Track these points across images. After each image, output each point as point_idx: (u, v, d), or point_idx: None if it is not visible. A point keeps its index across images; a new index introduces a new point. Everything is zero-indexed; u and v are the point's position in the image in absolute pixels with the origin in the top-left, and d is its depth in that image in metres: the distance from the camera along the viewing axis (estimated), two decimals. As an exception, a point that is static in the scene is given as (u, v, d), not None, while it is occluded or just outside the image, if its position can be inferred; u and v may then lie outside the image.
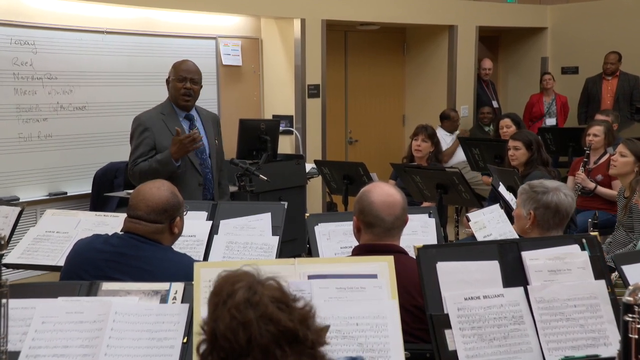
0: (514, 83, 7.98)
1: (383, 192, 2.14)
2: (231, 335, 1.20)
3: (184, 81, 3.34)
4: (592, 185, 4.40)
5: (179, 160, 3.21)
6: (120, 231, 2.22)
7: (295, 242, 4.73)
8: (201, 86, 3.45)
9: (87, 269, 2.12)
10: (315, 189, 5.72)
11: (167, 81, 3.41)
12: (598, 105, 6.67)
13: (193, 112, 3.44)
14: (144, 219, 2.16)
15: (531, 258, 1.89)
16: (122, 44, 4.70)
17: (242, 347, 1.20)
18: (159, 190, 2.21)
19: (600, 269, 1.90)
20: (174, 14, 5.01)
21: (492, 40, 7.97)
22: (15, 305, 1.70)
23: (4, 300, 1.50)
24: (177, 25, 5.05)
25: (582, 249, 1.93)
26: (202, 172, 3.38)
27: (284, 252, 2.69)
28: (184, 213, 2.28)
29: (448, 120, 6.45)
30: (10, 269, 2.97)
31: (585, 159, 4.50)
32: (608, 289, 1.86)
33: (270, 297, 1.24)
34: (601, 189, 4.39)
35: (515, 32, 7.72)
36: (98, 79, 4.57)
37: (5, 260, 1.58)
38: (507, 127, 5.18)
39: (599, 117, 5.36)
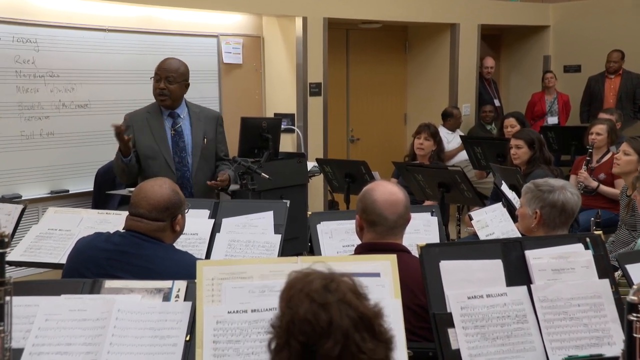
0: (516, 81, 7.96)
1: (386, 190, 2.14)
2: (312, 317, 1.22)
3: (159, 81, 3.35)
4: (594, 184, 4.39)
5: (128, 154, 3.26)
6: (122, 229, 2.21)
7: (297, 240, 4.72)
8: (184, 84, 3.41)
9: (89, 267, 2.12)
10: (316, 188, 5.71)
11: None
12: (600, 103, 6.65)
13: (180, 110, 3.43)
14: (145, 217, 2.16)
15: (535, 257, 1.89)
16: (124, 42, 4.69)
17: (324, 329, 1.21)
18: (160, 188, 2.20)
19: (604, 268, 1.90)
20: (175, 12, 5.01)
21: (494, 39, 7.96)
22: (19, 303, 1.70)
23: (7, 298, 1.50)
24: (178, 23, 5.04)
25: (586, 248, 1.93)
26: (179, 170, 3.38)
27: (285, 250, 2.68)
28: (186, 211, 2.28)
29: (451, 117, 6.43)
30: (13, 267, 2.97)
31: (587, 158, 4.49)
32: (612, 288, 1.86)
33: (347, 286, 1.26)
34: (604, 188, 4.39)
35: (518, 30, 7.71)
36: (100, 77, 4.57)
37: (7, 258, 1.58)
38: (512, 127, 5.15)
39: (602, 115, 5.34)
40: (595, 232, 1.98)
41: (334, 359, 1.20)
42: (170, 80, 3.34)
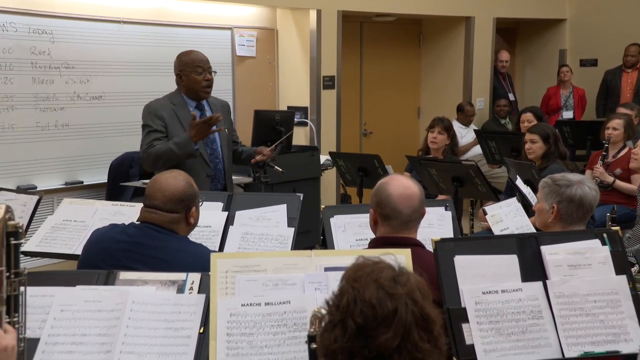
0: (531, 75, 7.89)
1: (401, 184, 2.13)
2: (377, 303, 1.20)
3: (203, 73, 3.32)
4: (610, 179, 4.35)
5: (197, 143, 3.20)
6: (137, 221, 2.22)
7: (309, 233, 4.73)
8: None
9: (104, 258, 2.13)
10: (329, 181, 5.71)
11: (179, 74, 3.35)
12: (617, 98, 6.58)
13: (203, 102, 3.43)
14: (160, 209, 2.16)
15: (550, 252, 1.87)
16: (138, 33, 4.70)
17: (386, 317, 1.20)
18: (175, 180, 2.21)
19: (621, 264, 1.88)
20: (190, 4, 5.01)
21: (510, 32, 7.88)
22: (34, 293, 1.72)
23: (22, 288, 1.51)
24: (193, 15, 5.05)
25: (603, 243, 1.91)
26: (212, 162, 3.38)
27: (297, 243, 2.68)
28: (200, 203, 2.29)
29: (461, 113, 6.40)
30: (28, 257, 3.00)
31: (604, 153, 4.44)
32: (629, 284, 1.84)
33: (416, 283, 1.26)
34: (620, 183, 4.34)
35: (533, 23, 7.63)
36: (114, 68, 4.59)
37: (23, 249, 1.59)
38: (529, 122, 5.09)
39: (621, 110, 5.28)
40: (613, 228, 1.96)
41: (389, 349, 1.19)
42: (210, 71, 3.36)
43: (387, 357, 1.19)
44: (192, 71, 3.33)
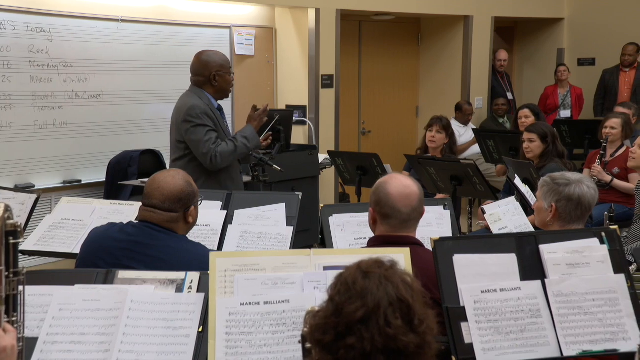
0: (529, 74, 7.89)
1: (400, 183, 2.13)
2: (350, 280, 1.24)
3: (232, 74, 3.43)
4: (608, 178, 4.35)
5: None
6: (135, 220, 2.22)
7: (308, 232, 4.73)
8: None
9: (103, 257, 2.13)
10: (327, 180, 5.71)
11: (215, 75, 3.31)
12: (615, 97, 6.59)
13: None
14: (158, 208, 2.16)
15: (549, 251, 1.88)
16: (137, 32, 4.70)
17: (357, 293, 1.22)
18: (173, 179, 2.21)
19: (620, 263, 1.88)
20: (189, 2, 5.01)
21: (508, 31, 7.89)
22: (33, 292, 1.71)
23: (20, 288, 1.51)
24: (191, 14, 5.04)
25: (602, 242, 1.91)
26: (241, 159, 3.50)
27: (295, 242, 2.68)
28: (199, 202, 2.28)
29: (460, 112, 6.41)
30: (26, 256, 2.99)
31: (601, 152, 4.45)
32: (628, 283, 1.84)
33: (400, 274, 1.27)
34: (618, 182, 4.35)
35: (532, 22, 7.63)
36: (113, 67, 4.58)
37: (21, 247, 1.59)
38: (526, 118, 5.11)
39: (619, 109, 5.29)
40: (612, 227, 1.96)
41: (355, 322, 1.20)
42: None
43: (355, 329, 1.20)
44: (227, 72, 3.38)
